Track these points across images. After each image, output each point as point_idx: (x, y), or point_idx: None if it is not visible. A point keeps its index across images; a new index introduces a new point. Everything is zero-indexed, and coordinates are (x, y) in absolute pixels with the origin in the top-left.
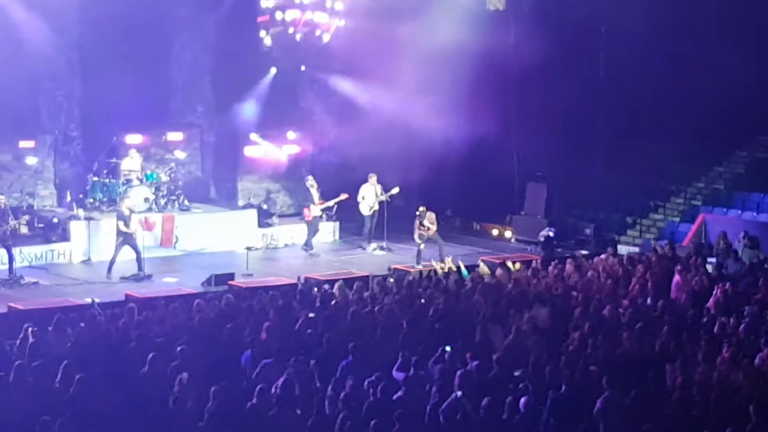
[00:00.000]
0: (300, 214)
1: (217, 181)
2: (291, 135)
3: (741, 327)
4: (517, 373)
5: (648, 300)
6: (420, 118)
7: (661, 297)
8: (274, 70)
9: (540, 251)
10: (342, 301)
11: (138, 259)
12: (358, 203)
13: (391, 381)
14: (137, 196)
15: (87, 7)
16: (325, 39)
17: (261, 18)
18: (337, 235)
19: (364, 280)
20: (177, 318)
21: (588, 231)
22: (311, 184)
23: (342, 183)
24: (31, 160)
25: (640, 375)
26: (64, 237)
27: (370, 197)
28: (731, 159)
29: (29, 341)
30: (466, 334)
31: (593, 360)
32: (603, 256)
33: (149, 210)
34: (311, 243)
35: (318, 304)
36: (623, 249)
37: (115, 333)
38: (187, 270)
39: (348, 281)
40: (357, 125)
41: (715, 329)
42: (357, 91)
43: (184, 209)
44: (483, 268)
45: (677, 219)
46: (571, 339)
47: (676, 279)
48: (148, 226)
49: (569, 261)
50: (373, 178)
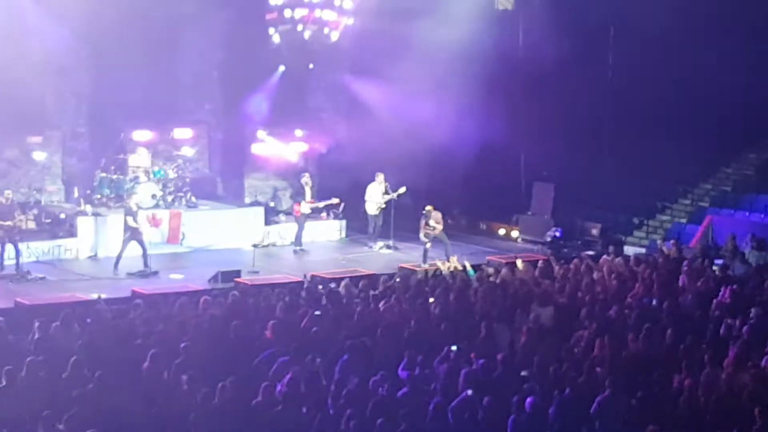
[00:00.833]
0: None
1: (225, 178)
2: (299, 133)
3: (746, 329)
4: (524, 373)
5: (654, 301)
6: (428, 117)
7: (667, 298)
8: (282, 67)
9: (547, 251)
10: (348, 300)
11: (144, 256)
12: (365, 202)
13: (397, 380)
14: (144, 192)
15: (96, 3)
16: (334, 37)
17: (270, 15)
18: (344, 234)
19: (370, 278)
20: (183, 314)
21: (594, 231)
22: (306, 181)
23: (349, 181)
24: (39, 155)
25: (645, 376)
26: (71, 233)
27: (377, 196)
28: (740, 160)
29: (35, 336)
30: (471, 333)
31: (599, 361)
32: (608, 256)
33: (156, 206)
34: (300, 240)
35: (324, 302)
36: (630, 250)
37: (122, 329)
38: (194, 267)
39: (354, 279)
40: (365, 124)
41: (721, 331)
42: (365, 90)
43: (191, 206)
44: (489, 270)
45: (684, 220)
46: (577, 339)
47: (682, 280)
48: (155, 222)
49: (575, 261)
50: (380, 177)
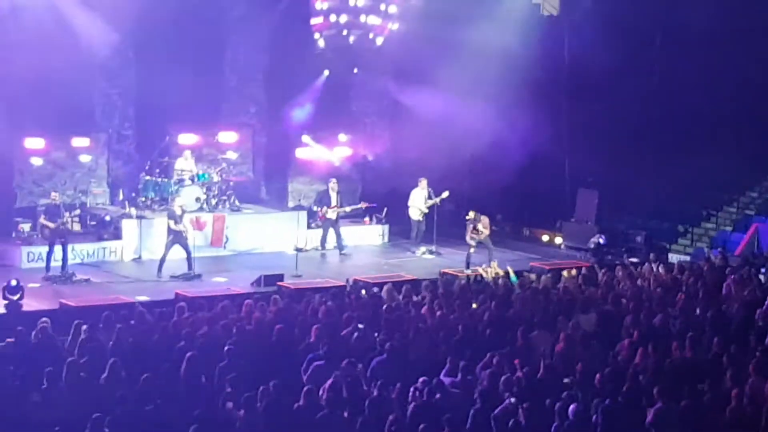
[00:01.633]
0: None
1: (268, 182)
2: (342, 137)
3: None
4: (567, 380)
5: (698, 310)
6: (472, 122)
7: (712, 307)
8: (326, 72)
9: (590, 258)
10: (391, 304)
11: (188, 259)
12: (408, 207)
13: (439, 385)
14: (189, 195)
15: (143, 6)
16: (378, 42)
17: (315, 20)
18: (386, 238)
19: (412, 283)
20: (226, 317)
21: (639, 239)
22: (332, 187)
23: (392, 186)
24: (85, 158)
25: (690, 386)
26: (116, 235)
27: (419, 201)
28: None
29: (80, 338)
30: (514, 339)
31: (641, 369)
32: (651, 264)
33: (200, 210)
34: (325, 244)
35: (366, 307)
36: (674, 258)
37: (165, 331)
38: (237, 270)
39: (397, 284)
40: (408, 129)
41: (767, 341)
42: (409, 95)
43: (234, 209)
44: (532, 276)
45: (730, 228)
46: (621, 347)
47: (727, 288)
48: (198, 225)
49: (619, 268)
50: (423, 182)
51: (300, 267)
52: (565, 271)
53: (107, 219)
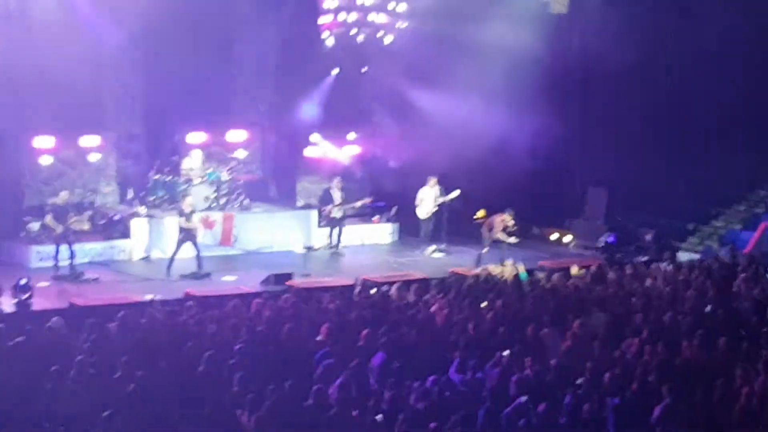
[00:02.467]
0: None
1: (277, 181)
2: (351, 136)
3: None
4: (579, 381)
5: (708, 308)
6: (481, 120)
7: (722, 305)
8: (336, 71)
9: (600, 256)
10: (400, 303)
11: (198, 257)
12: (416, 206)
13: (449, 383)
14: (198, 194)
15: (153, 5)
16: (387, 41)
17: (323, 18)
18: (396, 237)
19: (422, 282)
20: (236, 316)
21: (648, 237)
22: (336, 185)
23: (401, 185)
24: (94, 156)
25: (699, 384)
26: (125, 234)
27: (429, 200)
28: None
29: (90, 336)
30: (523, 338)
31: (652, 367)
32: (662, 264)
33: (209, 209)
34: (333, 242)
35: (375, 305)
36: (684, 256)
37: (174, 330)
38: (247, 269)
39: (406, 283)
40: (417, 127)
41: None
42: (418, 94)
43: (244, 208)
44: (541, 275)
45: (739, 226)
46: (629, 345)
47: (737, 286)
48: (208, 224)
49: (628, 267)
50: (433, 180)
51: (309, 266)
52: (574, 267)
53: (116, 218)
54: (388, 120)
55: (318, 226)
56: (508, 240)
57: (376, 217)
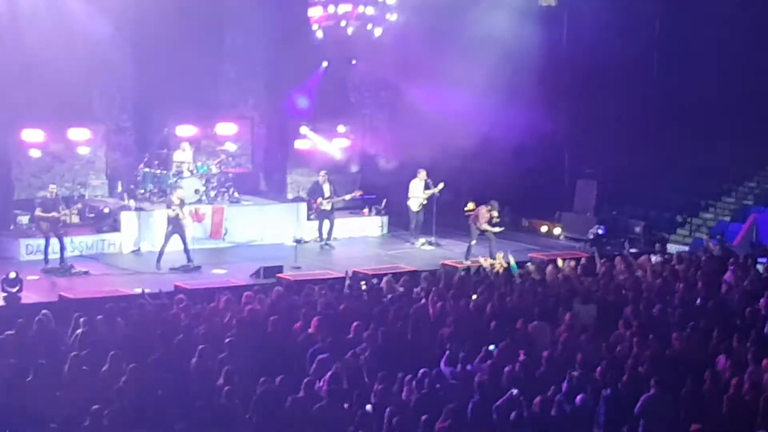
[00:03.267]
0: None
1: (267, 174)
2: (341, 128)
3: None
4: (575, 373)
5: (698, 300)
6: (471, 113)
7: (711, 296)
8: (325, 63)
9: (589, 248)
10: (390, 296)
11: (186, 250)
12: (407, 198)
13: (440, 376)
14: (188, 187)
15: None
16: (377, 33)
17: (313, 11)
18: (386, 230)
19: (412, 275)
20: (225, 309)
21: (637, 229)
22: (323, 178)
23: (391, 177)
24: (84, 150)
25: (689, 375)
26: (114, 227)
27: (418, 192)
28: None
29: (80, 330)
30: (513, 330)
31: (642, 360)
32: (652, 256)
33: (199, 201)
34: (322, 234)
35: (366, 298)
36: (673, 248)
37: (164, 323)
38: (236, 262)
39: (396, 276)
40: (407, 119)
41: (766, 329)
42: (407, 86)
43: (233, 201)
44: (531, 267)
45: (728, 218)
46: (620, 337)
47: (727, 278)
48: (198, 217)
49: (618, 259)
50: (422, 173)
51: (299, 258)
52: (560, 260)
53: (106, 211)
54: (377, 113)
55: (307, 219)
56: (493, 230)
57: (366, 210)
